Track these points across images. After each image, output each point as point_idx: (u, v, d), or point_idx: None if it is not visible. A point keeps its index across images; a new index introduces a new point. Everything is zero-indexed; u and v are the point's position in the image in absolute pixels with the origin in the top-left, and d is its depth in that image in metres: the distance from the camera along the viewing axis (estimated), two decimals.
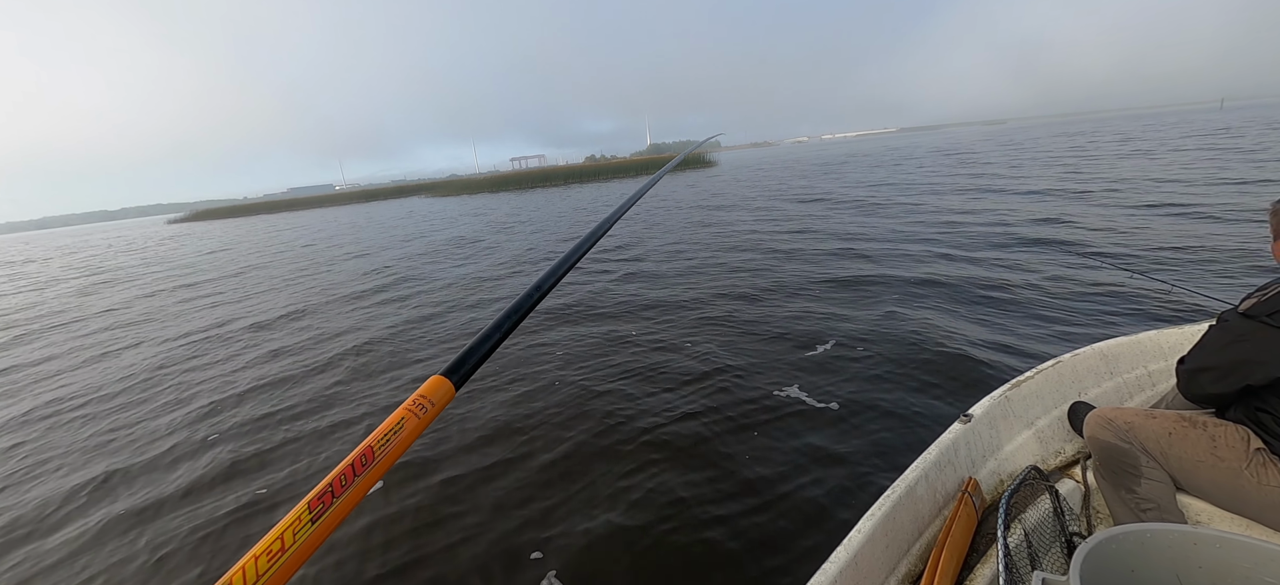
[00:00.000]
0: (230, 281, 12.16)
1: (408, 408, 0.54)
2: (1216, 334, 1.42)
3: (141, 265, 18.64)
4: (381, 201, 64.41)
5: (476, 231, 17.42)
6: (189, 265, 16.73)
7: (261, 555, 0.41)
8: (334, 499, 0.45)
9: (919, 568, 1.49)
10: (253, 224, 42.46)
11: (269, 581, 0.41)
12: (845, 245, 8.53)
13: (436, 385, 0.57)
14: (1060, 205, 10.16)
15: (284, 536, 0.43)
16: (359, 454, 0.49)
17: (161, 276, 14.52)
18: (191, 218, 74.50)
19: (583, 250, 0.82)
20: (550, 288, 0.73)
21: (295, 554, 0.42)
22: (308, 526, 0.43)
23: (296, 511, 0.45)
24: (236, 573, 0.40)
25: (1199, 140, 24.68)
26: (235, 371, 5.48)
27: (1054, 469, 1.87)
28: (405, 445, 0.51)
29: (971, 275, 6.01)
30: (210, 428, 4.16)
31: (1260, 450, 1.35)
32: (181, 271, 15.22)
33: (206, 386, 5.12)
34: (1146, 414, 1.57)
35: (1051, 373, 2.06)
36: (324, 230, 26.44)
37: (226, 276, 13.06)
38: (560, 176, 55.01)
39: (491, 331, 0.63)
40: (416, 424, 0.53)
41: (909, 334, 4.42)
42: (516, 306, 0.68)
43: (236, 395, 4.78)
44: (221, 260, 17.20)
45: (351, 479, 0.47)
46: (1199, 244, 6.27)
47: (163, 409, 4.68)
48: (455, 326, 6.44)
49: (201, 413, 4.48)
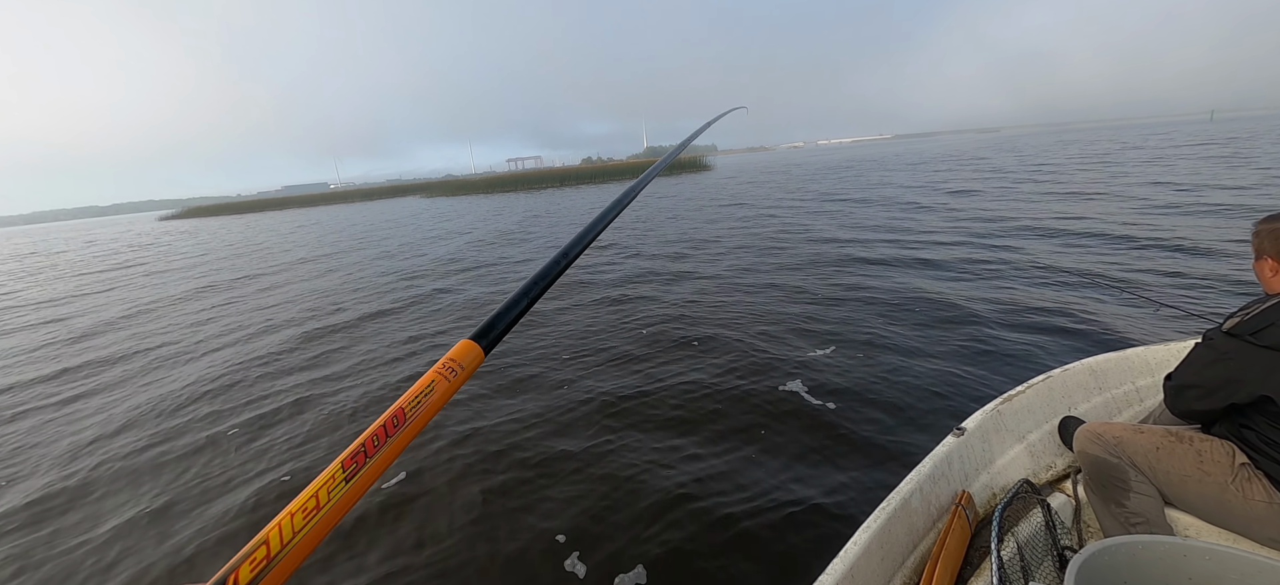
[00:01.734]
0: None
1: (438, 371, 0.54)
2: (1201, 352, 1.46)
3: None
4: (379, 201, 64.29)
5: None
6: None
7: (297, 512, 0.42)
8: (367, 459, 0.46)
9: (913, 580, 1.51)
10: (249, 222, 42.09)
11: (306, 537, 0.41)
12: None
13: (466, 349, 0.57)
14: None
15: (319, 494, 0.43)
16: (390, 415, 0.49)
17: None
18: (183, 214, 73.86)
19: (608, 218, 0.83)
20: (577, 255, 0.73)
21: (331, 511, 0.43)
22: (342, 485, 0.44)
23: (330, 470, 0.45)
24: (272, 528, 0.41)
25: (1195, 149, 24.98)
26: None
27: (1045, 483, 1.90)
28: (436, 408, 0.51)
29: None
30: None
31: (1245, 465, 1.38)
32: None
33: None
34: (1135, 429, 1.60)
35: (1042, 387, 2.09)
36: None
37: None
38: (556, 178, 55.02)
39: (519, 297, 0.63)
40: (446, 387, 0.53)
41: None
42: (544, 272, 0.68)
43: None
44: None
45: (384, 440, 0.47)
46: (1188, 264, 6.33)
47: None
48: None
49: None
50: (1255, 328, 1.32)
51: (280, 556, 0.40)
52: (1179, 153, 24.24)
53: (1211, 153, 22.52)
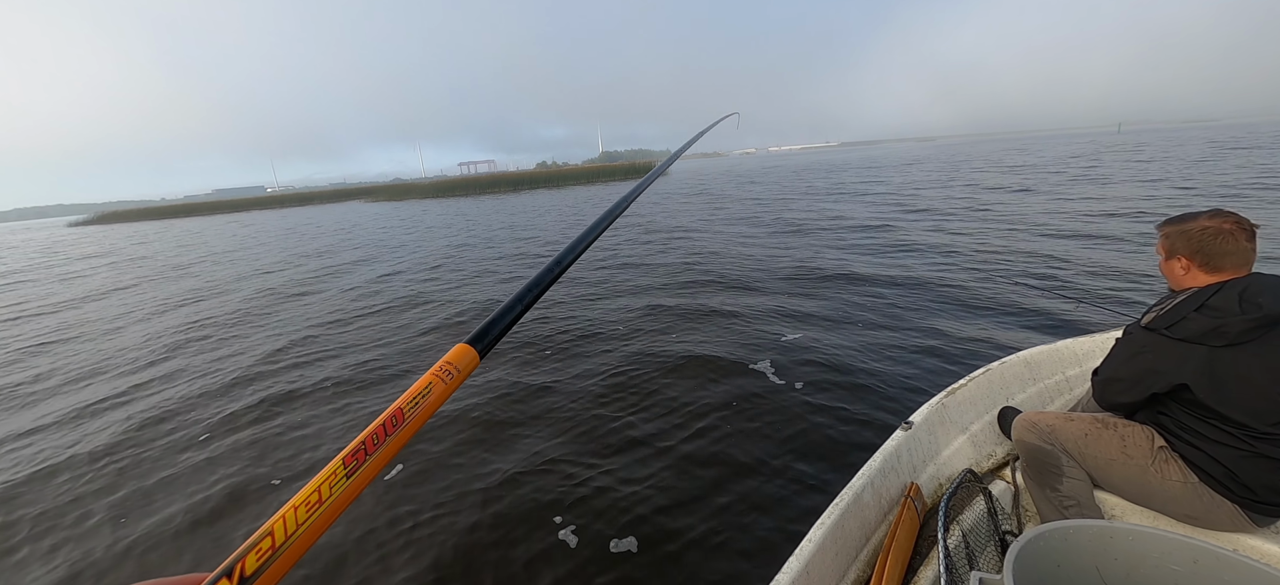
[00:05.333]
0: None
1: (435, 373, 0.56)
2: (1122, 346, 1.56)
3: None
4: (318, 205, 61.08)
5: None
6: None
7: (300, 505, 0.44)
8: (367, 456, 0.48)
9: (866, 573, 1.54)
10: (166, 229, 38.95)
11: (308, 529, 0.43)
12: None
13: (461, 353, 0.59)
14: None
15: (321, 489, 0.45)
16: (390, 415, 0.51)
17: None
18: (95, 220, 67.92)
19: (603, 226, 0.85)
20: (571, 263, 0.76)
21: (332, 506, 0.44)
22: (343, 481, 0.46)
23: (332, 466, 0.47)
24: (277, 521, 0.42)
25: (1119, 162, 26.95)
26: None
27: (987, 471, 1.98)
28: (433, 408, 0.54)
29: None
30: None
31: (1163, 448, 1.49)
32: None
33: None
34: (1065, 417, 1.69)
35: (983, 380, 2.20)
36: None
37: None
38: (509, 183, 54.07)
39: (514, 304, 0.66)
40: (443, 389, 0.55)
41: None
42: (538, 280, 0.71)
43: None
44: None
45: (383, 438, 0.49)
46: (1108, 262, 6.86)
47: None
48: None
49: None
50: (1170, 322, 1.42)
51: (284, 547, 0.42)
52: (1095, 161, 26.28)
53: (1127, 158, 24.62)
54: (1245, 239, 1.39)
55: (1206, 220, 1.44)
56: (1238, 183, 13.85)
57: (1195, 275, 1.46)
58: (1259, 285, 1.34)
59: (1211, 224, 1.42)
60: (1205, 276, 1.44)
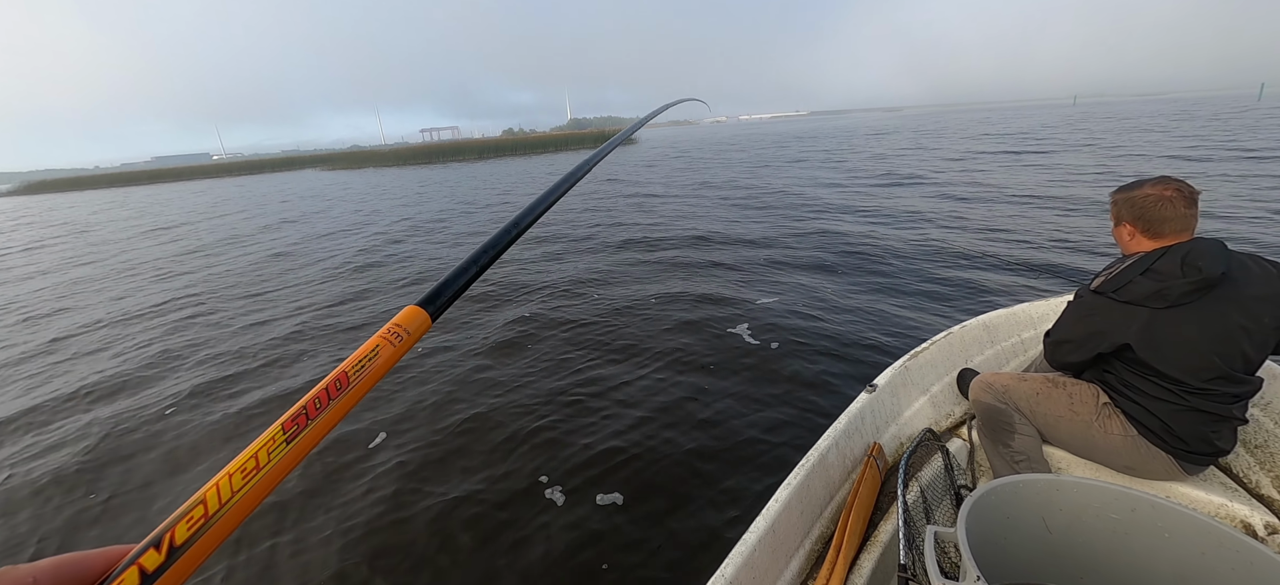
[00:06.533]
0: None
1: (383, 336, 0.52)
2: (1072, 309, 1.62)
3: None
4: (268, 174, 57.92)
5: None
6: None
7: (236, 472, 0.41)
8: (308, 421, 0.45)
9: (830, 529, 1.60)
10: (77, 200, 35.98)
11: (244, 498, 0.41)
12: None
13: (412, 315, 0.55)
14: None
15: (259, 455, 0.42)
16: (333, 379, 0.48)
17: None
18: (20, 191, 62.96)
19: (562, 190, 0.82)
20: (527, 226, 0.73)
21: (270, 472, 0.42)
22: (283, 447, 0.43)
23: (271, 432, 0.44)
24: (210, 488, 0.40)
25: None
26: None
27: (945, 430, 2.07)
28: (381, 373, 0.51)
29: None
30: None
31: (1107, 404, 1.57)
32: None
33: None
34: (1019, 377, 1.77)
35: (944, 343, 2.27)
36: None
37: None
38: (474, 150, 52.45)
39: (468, 265, 0.63)
40: (392, 352, 0.52)
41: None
42: (494, 241, 0.67)
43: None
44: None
45: (326, 403, 0.47)
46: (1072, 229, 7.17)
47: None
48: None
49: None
50: (1116, 286, 1.48)
51: (218, 516, 0.39)
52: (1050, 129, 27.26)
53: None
54: (1185, 205, 1.44)
55: (1150, 188, 1.49)
56: (1183, 152, 14.70)
57: (1140, 241, 1.52)
58: (1198, 249, 1.40)
59: (1154, 191, 1.47)
60: (1149, 242, 1.50)
